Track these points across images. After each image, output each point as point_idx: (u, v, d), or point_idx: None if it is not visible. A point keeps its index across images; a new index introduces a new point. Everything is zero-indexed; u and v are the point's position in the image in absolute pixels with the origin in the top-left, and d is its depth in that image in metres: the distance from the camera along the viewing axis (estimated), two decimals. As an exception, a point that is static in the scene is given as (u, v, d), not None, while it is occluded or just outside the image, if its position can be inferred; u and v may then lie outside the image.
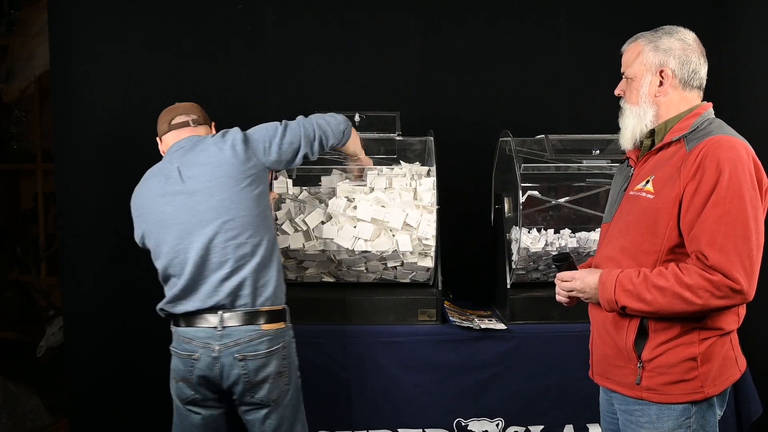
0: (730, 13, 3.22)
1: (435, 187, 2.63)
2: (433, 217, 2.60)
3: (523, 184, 2.62)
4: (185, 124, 2.26)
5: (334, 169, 2.77)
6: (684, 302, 1.70)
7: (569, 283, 1.91)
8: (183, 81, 3.09)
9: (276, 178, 2.68)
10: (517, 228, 2.67)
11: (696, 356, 1.78)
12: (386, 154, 2.85)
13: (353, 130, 2.45)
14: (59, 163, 3.14)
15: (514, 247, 2.70)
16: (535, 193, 2.74)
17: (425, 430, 2.60)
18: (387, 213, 2.59)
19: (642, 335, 1.82)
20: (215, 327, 2.12)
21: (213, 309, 2.12)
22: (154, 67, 3.06)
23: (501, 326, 2.59)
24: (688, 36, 1.92)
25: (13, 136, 4.80)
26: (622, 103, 1.93)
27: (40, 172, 4.60)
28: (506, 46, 3.22)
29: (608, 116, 2.95)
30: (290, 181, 2.71)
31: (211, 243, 2.11)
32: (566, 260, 1.96)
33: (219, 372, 2.13)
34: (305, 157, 2.29)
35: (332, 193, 2.73)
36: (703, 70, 1.91)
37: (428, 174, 2.75)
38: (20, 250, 4.62)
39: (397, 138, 2.81)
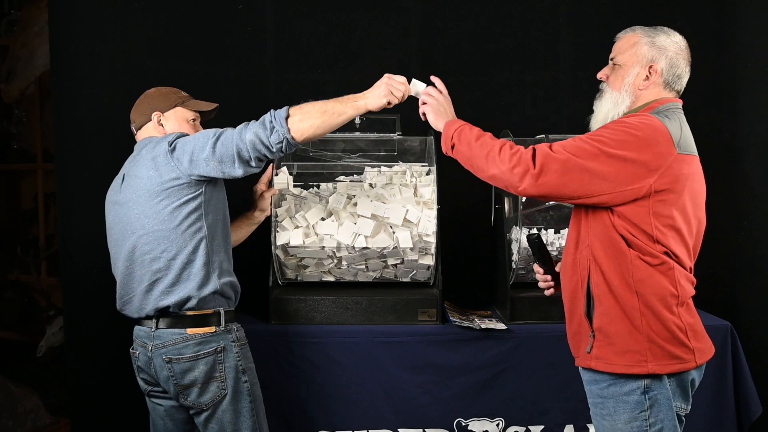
0: (730, 14, 3.22)
1: (435, 184, 2.63)
2: (434, 213, 2.60)
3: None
4: (134, 134, 2.32)
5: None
6: (491, 161, 1.85)
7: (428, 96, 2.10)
8: (183, 81, 3.07)
9: (277, 174, 2.68)
10: (517, 228, 2.67)
11: (638, 327, 1.83)
12: (386, 153, 2.86)
13: (304, 112, 2.15)
14: (60, 163, 3.14)
15: (514, 247, 2.70)
16: (535, 193, 2.73)
17: (425, 430, 2.60)
18: (387, 209, 2.59)
19: (590, 303, 1.89)
20: (150, 328, 2.15)
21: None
22: (155, 66, 3.06)
23: (501, 326, 2.59)
24: (682, 42, 1.97)
25: (13, 136, 4.79)
26: (602, 86, 2.00)
27: (41, 172, 4.60)
28: (507, 46, 3.22)
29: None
30: (290, 178, 2.71)
31: (132, 256, 2.14)
32: (537, 240, 2.06)
33: (154, 371, 2.16)
34: (250, 166, 2.11)
35: (333, 189, 2.74)
36: (685, 78, 1.98)
37: (428, 173, 2.75)
38: (20, 250, 4.62)
39: (397, 138, 2.82)
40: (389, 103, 2.17)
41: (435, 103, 2.08)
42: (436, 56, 3.22)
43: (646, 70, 1.93)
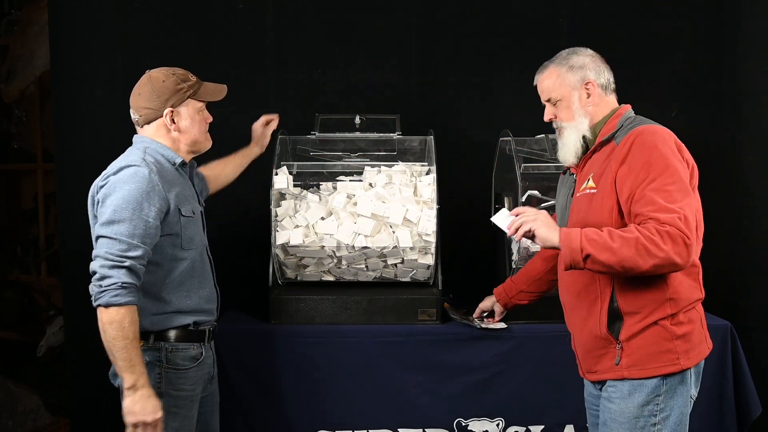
0: (730, 15, 3.21)
1: (435, 183, 2.63)
2: (434, 212, 2.60)
3: (522, 184, 2.62)
4: (135, 123, 2.16)
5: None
6: (648, 253, 1.76)
7: (521, 215, 1.94)
8: (183, 81, 3.09)
9: (276, 174, 2.68)
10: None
11: (671, 330, 1.89)
12: (386, 152, 2.86)
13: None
14: (59, 163, 3.14)
15: (514, 247, 2.70)
16: (535, 192, 2.74)
17: (425, 430, 2.60)
18: (387, 208, 2.59)
19: (615, 319, 1.93)
20: None
21: None
22: (154, 65, 3.04)
23: (502, 325, 2.59)
24: (590, 51, 2.08)
25: (13, 136, 4.79)
26: (556, 124, 2.08)
27: (41, 172, 4.59)
28: (507, 46, 3.22)
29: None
30: (290, 178, 2.71)
31: None
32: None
33: None
34: None
35: (333, 189, 2.74)
36: (612, 77, 2.08)
37: (428, 173, 2.75)
38: (20, 250, 4.62)
39: (396, 137, 2.82)
40: (134, 429, 1.92)
41: (539, 218, 1.92)
42: (436, 56, 3.22)
43: (583, 89, 2.02)
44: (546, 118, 2.10)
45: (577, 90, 2.03)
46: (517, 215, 1.95)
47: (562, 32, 3.22)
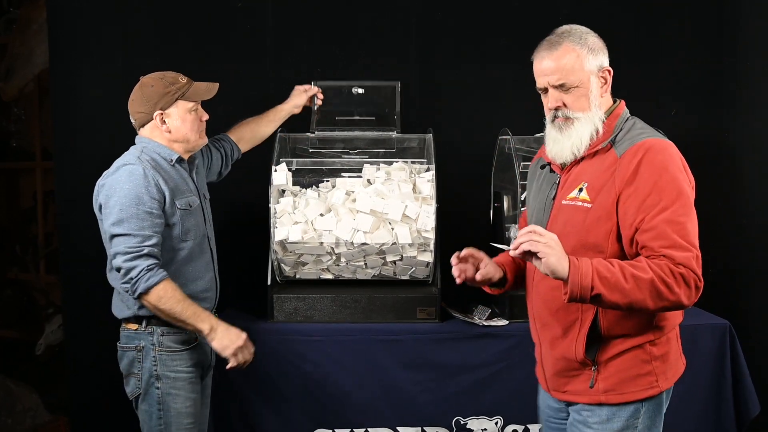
0: (730, 15, 3.22)
1: (434, 179, 2.63)
2: (432, 209, 2.60)
3: (522, 183, 2.62)
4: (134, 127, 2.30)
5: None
6: (659, 297, 1.63)
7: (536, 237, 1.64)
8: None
9: (275, 171, 2.68)
10: (516, 226, 2.67)
11: (649, 351, 1.78)
12: (385, 150, 2.86)
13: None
14: (59, 162, 3.14)
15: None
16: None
17: (424, 428, 2.60)
18: (386, 205, 2.59)
19: (593, 341, 1.78)
20: None
21: None
22: (154, 64, 3.03)
23: (503, 322, 2.59)
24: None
25: (12, 134, 4.79)
26: (564, 113, 1.79)
27: (39, 170, 4.59)
28: (507, 45, 3.22)
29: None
30: (290, 174, 2.71)
31: None
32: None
33: None
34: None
35: (332, 185, 2.74)
36: None
37: (427, 170, 2.75)
38: (19, 249, 4.61)
39: (395, 136, 2.82)
40: (235, 357, 2.16)
41: (551, 243, 1.64)
42: (436, 55, 3.22)
43: (600, 76, 1.80)
44: (552, 105, 1.81)
45: (595, 76, 1.78)
46: (528, 233, 1.65)
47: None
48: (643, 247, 1.68)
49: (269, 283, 2.65)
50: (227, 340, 2.14)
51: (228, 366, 2.17)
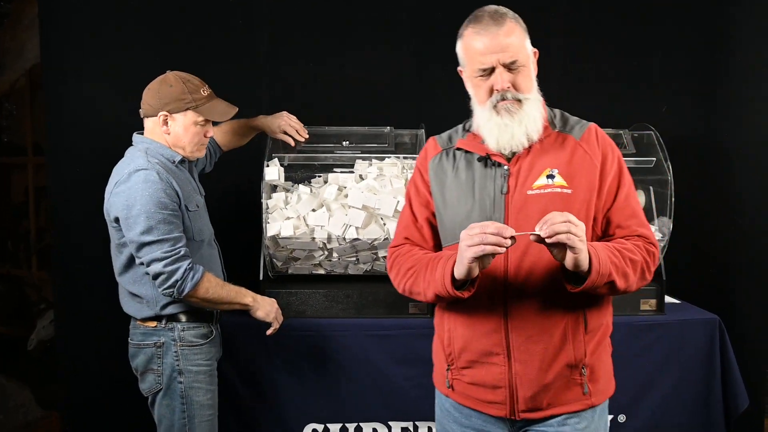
0: (726, 14, 3.23)
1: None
2: (424, 206, 2.60)
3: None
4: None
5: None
6: (642, 278, 1.65)
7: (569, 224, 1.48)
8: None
9: (267, 166, 2.69)
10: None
11: (609, 344, 1.81)
12: (378, 146, 2.87)
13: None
14: (50, 157, 3.13)
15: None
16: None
17: (416, 422, 2.61)
18: (378, 200, 2.59)
19: (584, 342, 1.71)
20: None
21: None
22: (146, 59, 3.05)
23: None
24: None
25: (3, 129, 4.77)
26: (513, 95, 1.64)
27: (31, 165, 4.57)
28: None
29: (605, 114, 2.97)
30: (282, 169, 2.72)
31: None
32: None
33: None
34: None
35: (324, 181, 2.74)
36: None
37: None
38: (11, 244, 4.60)
39: (388, 131, 2.82)
40: (277, 321, 2.37)
41: (584, 237, 1.49)
42: (435, 54, 3.21)
43: (534, 60, 1.70)
44: (503, 86, 1.63)
45: (532, 58, 1.69)
46: (564, 221, 1.47)
47: (557, 31, 3.23)
48: (617, 226, 1.68)
49: (261, 278, 2.65)
50: (268, 307, 2.32)
51: (269, 331, 2.35)
